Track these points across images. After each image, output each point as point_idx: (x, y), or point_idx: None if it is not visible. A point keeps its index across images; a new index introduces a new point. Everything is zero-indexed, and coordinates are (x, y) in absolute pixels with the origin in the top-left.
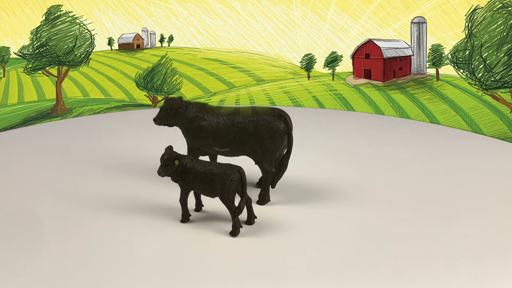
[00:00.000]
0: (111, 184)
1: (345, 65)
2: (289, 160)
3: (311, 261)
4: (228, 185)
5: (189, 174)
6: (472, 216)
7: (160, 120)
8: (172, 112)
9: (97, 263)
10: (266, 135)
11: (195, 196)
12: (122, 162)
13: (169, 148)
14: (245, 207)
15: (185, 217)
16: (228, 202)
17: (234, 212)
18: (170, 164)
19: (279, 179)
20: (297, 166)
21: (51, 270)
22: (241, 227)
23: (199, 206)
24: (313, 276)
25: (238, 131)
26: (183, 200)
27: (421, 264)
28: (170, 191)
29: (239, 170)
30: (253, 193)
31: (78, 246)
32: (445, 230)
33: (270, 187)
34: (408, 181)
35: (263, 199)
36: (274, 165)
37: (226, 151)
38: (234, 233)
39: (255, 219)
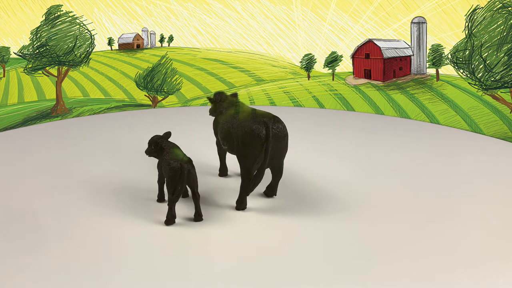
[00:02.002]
0: (112, 184)
1: (345, 65)
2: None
3: (294, 268)
4: (169, 174)
5: (159, 158)
6: (472, 216)
7: (210, 112)
8: (215, 106)
9: (96, 263)
10: (245, 140)
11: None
12: (122, 162)
13: (165, 133)
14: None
15: (159, 197)
16: (168, 190)
17: (168, 201)
18: (151, 146)
19: (253, 188)
20: (296, 167)
21: (51, 270)
22: (175, 217)
23: (185, 193)
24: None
25: (231, 132)
26: (158, 181)
27: (421, 265)
28: None
29: (182, 164)
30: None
31: (78, 246)
32: (445, 230)
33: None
34: (408, 182)
35: (239, 205)
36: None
37: (227, 149)
38: (167, 222)
39: (202, 218)
